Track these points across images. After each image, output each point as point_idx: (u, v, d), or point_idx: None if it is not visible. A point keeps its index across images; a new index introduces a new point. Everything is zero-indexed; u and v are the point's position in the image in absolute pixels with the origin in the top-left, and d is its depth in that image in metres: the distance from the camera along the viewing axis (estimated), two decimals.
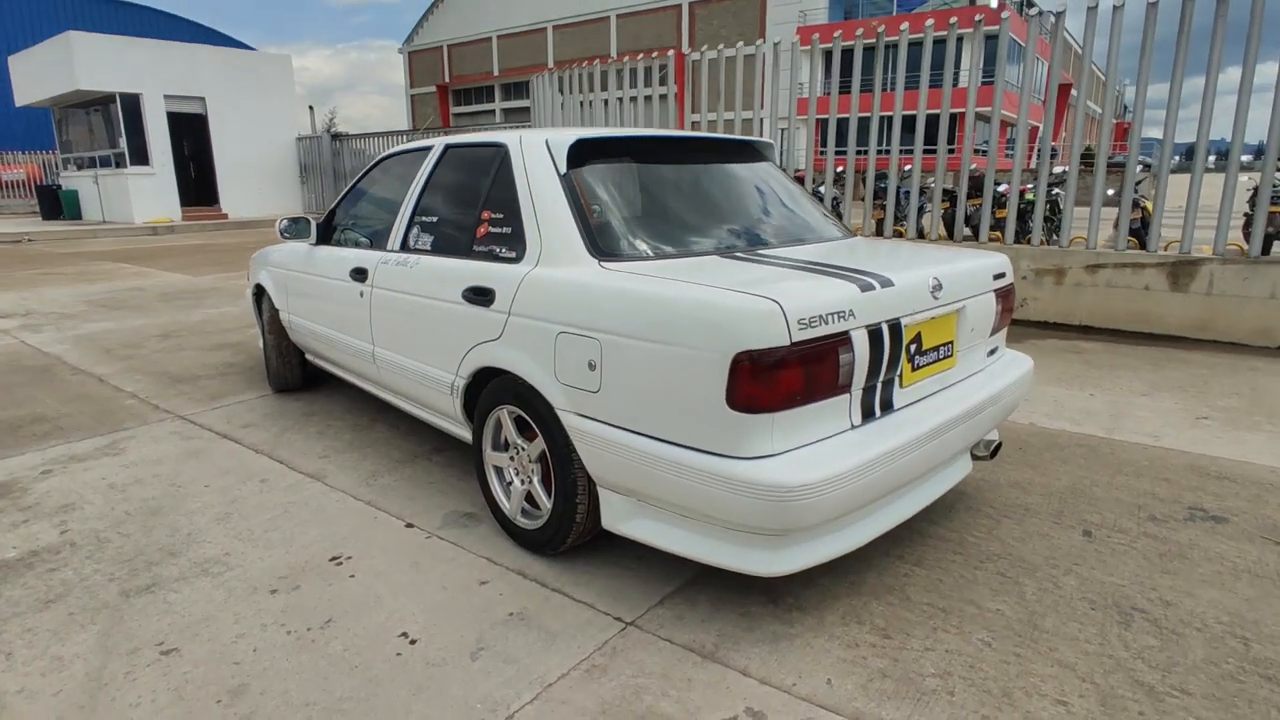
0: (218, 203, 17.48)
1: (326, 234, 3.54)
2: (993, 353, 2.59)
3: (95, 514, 2.75)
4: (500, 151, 2.56)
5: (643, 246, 2.25)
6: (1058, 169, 8.88)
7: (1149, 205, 7.93)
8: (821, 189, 7.72)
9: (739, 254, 2.30)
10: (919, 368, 2.16)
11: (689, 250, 2.31)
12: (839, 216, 7.76)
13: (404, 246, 2.92)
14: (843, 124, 6.98)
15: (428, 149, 2.99)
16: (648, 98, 7.97)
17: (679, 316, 1.82)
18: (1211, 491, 2.89)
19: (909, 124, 6.46)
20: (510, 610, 2.13)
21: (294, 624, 2.07)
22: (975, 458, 2.56)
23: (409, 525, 2.65)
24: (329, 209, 3.58)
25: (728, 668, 1.87)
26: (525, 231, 2.35)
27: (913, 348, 2.11)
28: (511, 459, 2.46)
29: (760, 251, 2.35)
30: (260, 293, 4.18)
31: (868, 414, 2.00)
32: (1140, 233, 7.22)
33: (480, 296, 2.41)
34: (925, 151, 6.92)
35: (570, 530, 2.24)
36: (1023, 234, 7.74)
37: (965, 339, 2.34)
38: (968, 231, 7.09)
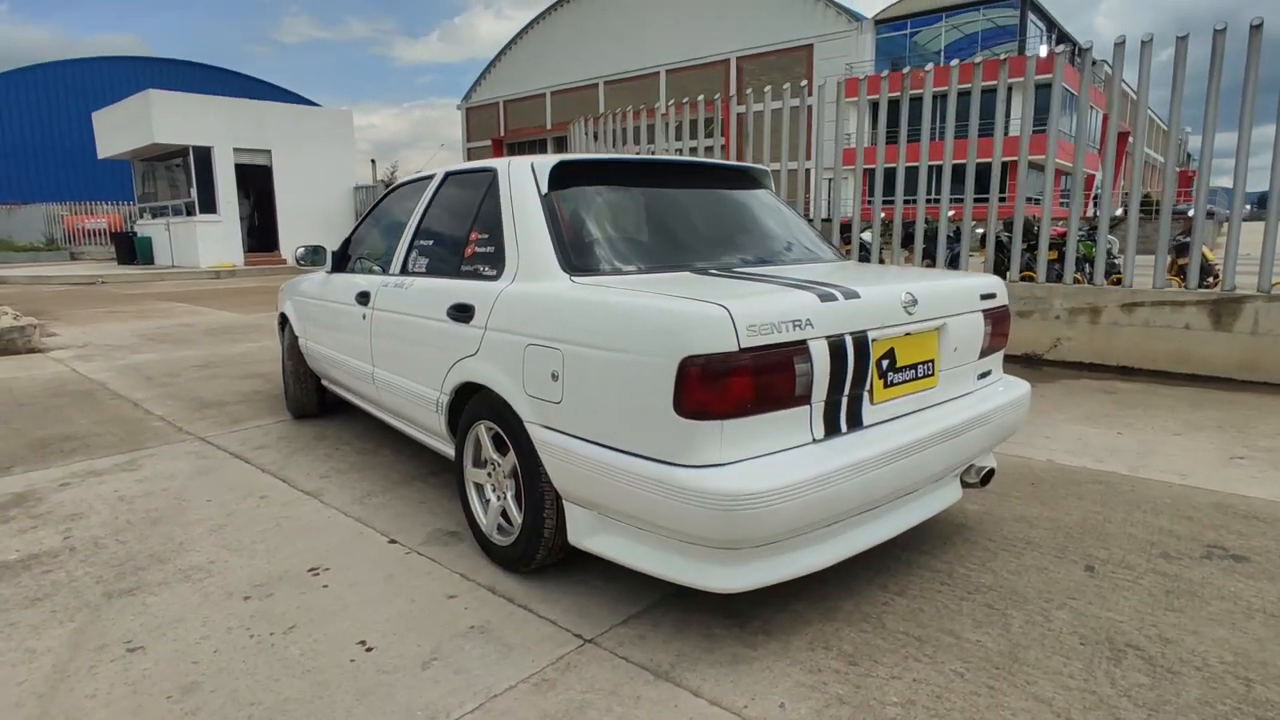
0: (277, 248, 18.36)
1: (342, 262, 3.68)
2: (985, 376, 2.51)
3: (99, 522, 2.85)
4: (490, 175, 2.64)
5: (616, 263, 2.28)
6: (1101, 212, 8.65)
7: (1206, 252, 7.64)
8: (864, 235, 7.61)
9: (714, 271, 2.30)
10: (893, 385, 2.10)
11: (664, 267, 2.32)
12: (867, 261, 7.63)
13: (403, 270, 3.01)
14: (886, 173, 6.83)
15: (430, 178, 3.11)
16: (694, 150, 7.91)
17: (630, 323, 1.83)
18: (1236, 530, 2.70)
19: (956, 173, 6.33)
20: (472, 624, 2.11)
21: (258, 628, 2.09)
22: (965, 484, 2.46)
23: (392, 541, 2.67)
24: (344, 238, 3.73)
25: (679, 687, 1.81)
26: (506, 249, 2.40)
27: (885, 363, 2.06)
28: (489, 475, 2.47)
29: (738, 270, 2.35)
30: (285, 321, 4.34)
31: (832, 428, 1.94)
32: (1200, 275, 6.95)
33: (462, 313, 2.46)
34: (955, 200, 6.79)
35: (539, 546, 2.22)
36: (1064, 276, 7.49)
37: (948, 359, 2.28)
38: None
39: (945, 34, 29.74)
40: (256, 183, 17.82)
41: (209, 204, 16.86)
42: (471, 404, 2.46)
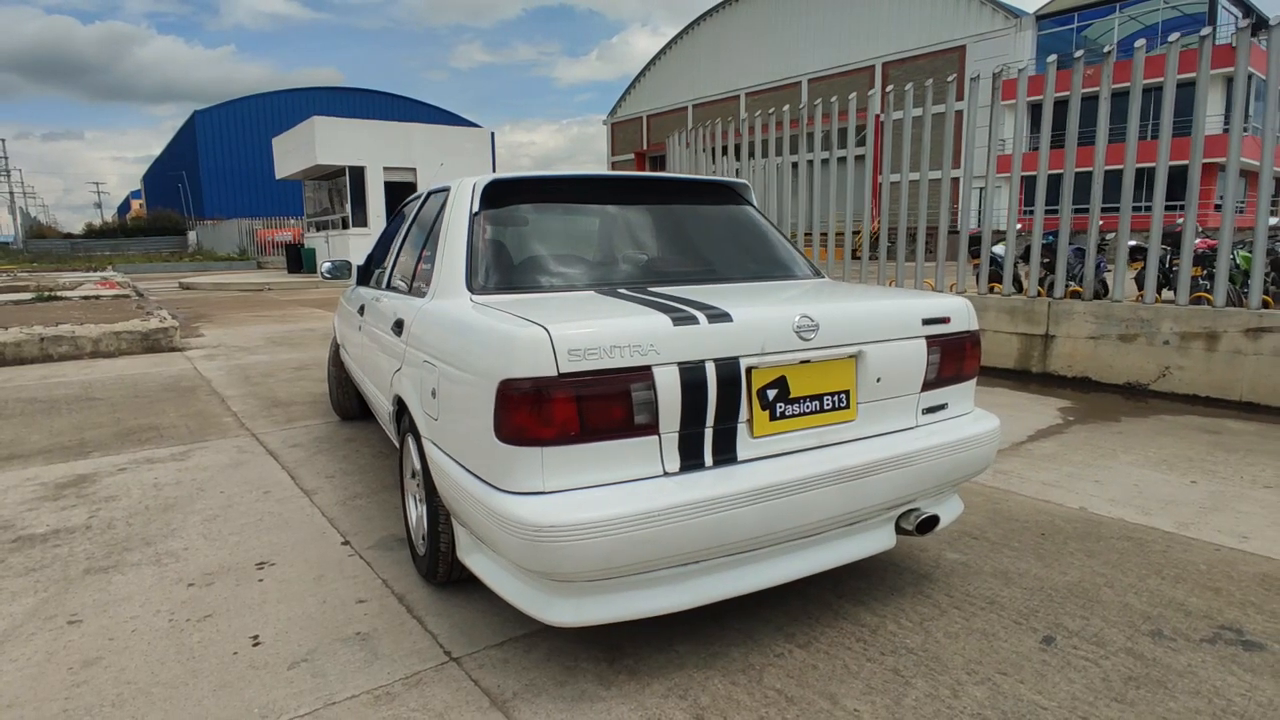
0: None
1: (365, 276, 3.92)
2: (936, 410, 2.24)
3: (124, 505, 3.22)
4: (446, 193, 2.72)
5: (522, 281, 2.27)
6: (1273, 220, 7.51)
7: None
8: (995, 249, 6.88)
9: (623, 291, 2.22)
10: (784, 417, 1.93)
11: (573, 286, 2.28)
12: (1015, 278, 6.74)
13: (387, 284, 3.17)
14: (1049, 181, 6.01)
15: (420, 195, 3.25)
16: (841, 160, 7.31)
17: (471, 344, 1.82)
18: (1270, 610, 2.23)
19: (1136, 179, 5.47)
20: (359, 630, 2.17)
21: (180, 614, 2.27)
22: (901, 531, 2.20)
23: (345, 543, 2.80)
24: (368, 253, 3.98)
25: (507, 719, 1.76)
26: (436, 266, 2.46)
27: (771, 393, 1.90)
28: (418, 486, 2.54)
29: (652, 289, 2.26)
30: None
31: (691, 462, 1.82)
32: None
33: (398, 329, 2.55)
34: (1137, 209, 5.89)
35: (439, 559, 2.25)
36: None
37: (869, 390, 2.06)
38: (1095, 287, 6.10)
39: (1120, 27, 26.85)
40: (403, 199, 19.37)
41: (361, 218, 18.57)
42: (404, 416, 2.54)
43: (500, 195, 2.48)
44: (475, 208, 2.43)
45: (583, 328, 1.69)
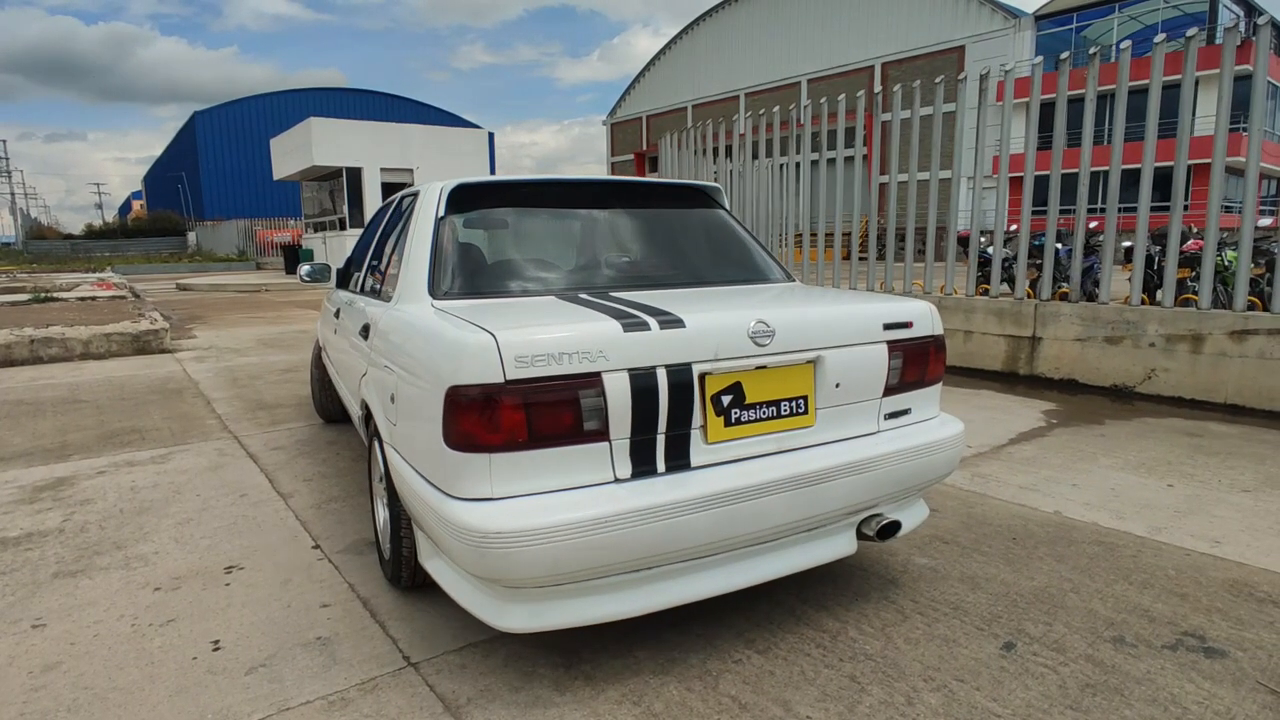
0: None
1: (344, 279, 3.92)
2: (898, 415, 2.24)
3: (99, 509, 3.22)
4: (415, 197, 2.72)
5: (481, 286, 2.27)
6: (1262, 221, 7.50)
7: None
8: (989, 250, 6.85)
9: (584, 296, 2.22)
10: (740, 423, 1.93)
11: (535, 291, 2.28)
12: (1010, 279, 6.74)
13: (361, 288, 3.17)
14: (1042, 182, 5.99)
15: (393, 201, 3.25)
16: (830, 161, 7.16)
17: (422, 350, 1.82)
18: (1235, 617, 2.22)
19: (1126, 180, 5.43)
20: (320, 634, 2.17)
21: (144, 618, 2.27)
22: (862, 537, 2.20)
23: (315, 546, 2.80)
24: (347, 256, 3.98)
25: None
26: (401, 271, 2.46)
27: (726, 399, 1.90)
28: (384, 490, 2.54)
29: (613, 294, 2.26)
30: None
31: (643, 468, 1.81)
32: None
33: (364, 333, 2.56)
34: (1126, 209, 5.93)
35: (402, 564, 2.25)
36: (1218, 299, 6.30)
37: (828, 396, 2.06)
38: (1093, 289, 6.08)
39: (1119, 26, 26.80)
40: None
41: (358, 219, 18.58)
42: (370, 421, 2.54)
43: (467, 200, 2.48)
44: (441, 212, 2.43)
45: (530, 334, 1.69)
